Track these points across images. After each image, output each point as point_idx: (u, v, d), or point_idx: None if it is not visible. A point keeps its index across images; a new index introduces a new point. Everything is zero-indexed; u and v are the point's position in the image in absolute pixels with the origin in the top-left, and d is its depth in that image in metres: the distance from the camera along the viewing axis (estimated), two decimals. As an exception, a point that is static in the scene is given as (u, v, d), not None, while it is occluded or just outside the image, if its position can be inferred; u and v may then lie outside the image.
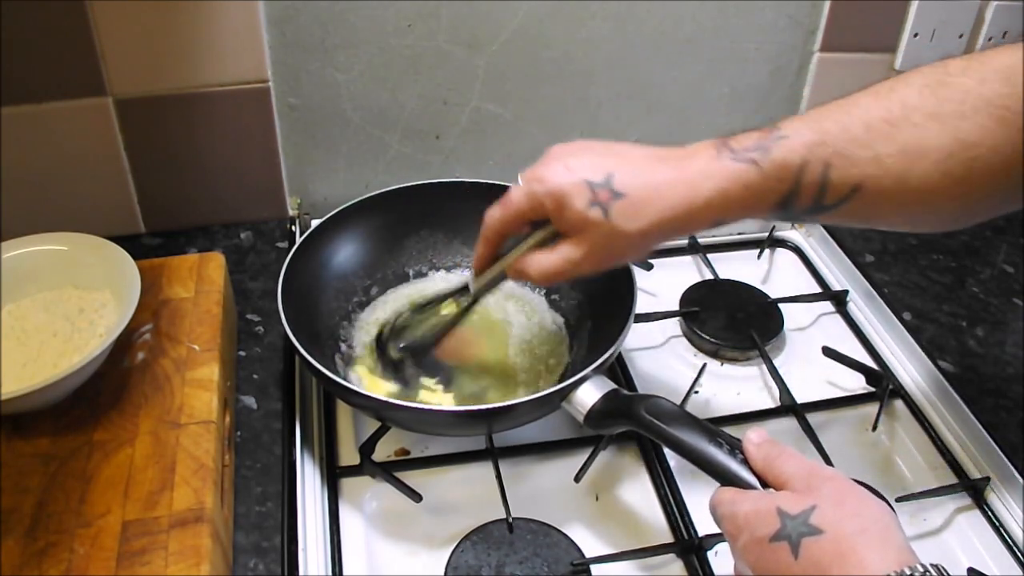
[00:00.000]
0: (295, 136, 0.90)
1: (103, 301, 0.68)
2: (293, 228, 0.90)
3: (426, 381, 0.72)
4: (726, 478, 0.53)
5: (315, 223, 0.79)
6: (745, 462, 0.53)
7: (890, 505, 0.64)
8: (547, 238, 0.59)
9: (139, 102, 0.83)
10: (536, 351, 0.77)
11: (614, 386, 0.63)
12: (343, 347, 0.76)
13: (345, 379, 0.69)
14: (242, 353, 0.77)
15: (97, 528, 0.55)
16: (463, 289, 0.68)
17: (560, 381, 0.73)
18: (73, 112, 0.81)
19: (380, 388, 0.72)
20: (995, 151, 0.50)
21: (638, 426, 0.59)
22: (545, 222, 0.59)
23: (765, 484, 0.51)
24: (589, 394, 0.62)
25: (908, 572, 0.42)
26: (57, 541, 0.54)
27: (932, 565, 0.43)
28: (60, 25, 0.76)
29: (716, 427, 0.56)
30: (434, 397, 0.72)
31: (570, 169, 0.56)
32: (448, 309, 0.71)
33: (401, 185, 0.82)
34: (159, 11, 0.78)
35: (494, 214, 0.61)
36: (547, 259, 0.58)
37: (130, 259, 0.68)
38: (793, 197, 0.54)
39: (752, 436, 0.53)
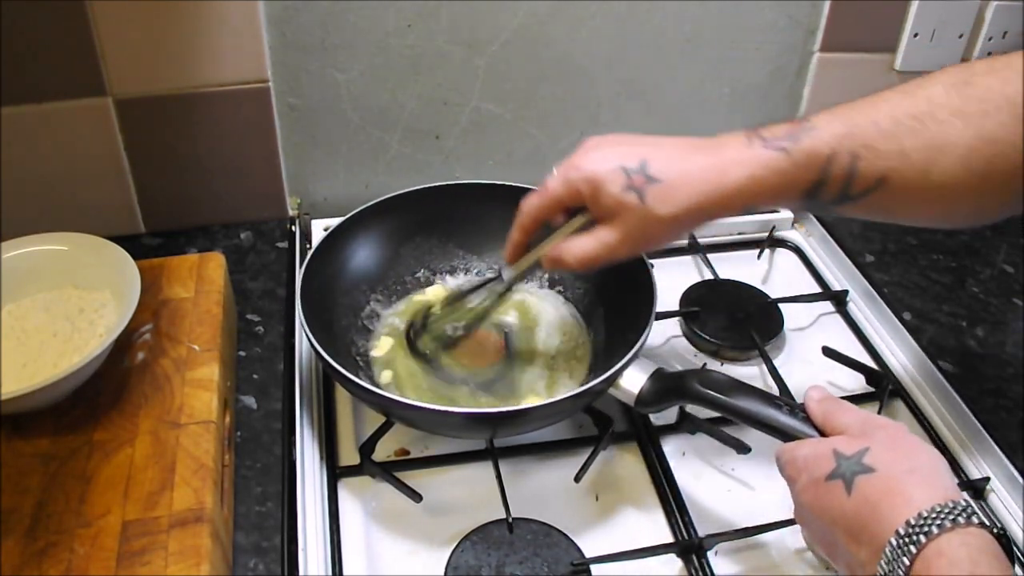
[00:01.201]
0: (295, 136, 0.90)
1: (103, 301, 0.68)
2: (293, 228, 0.90)
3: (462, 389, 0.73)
4: (791, 436, 0.55)
5: (325, 229, 0.79)
6: (807, 419, 0.56)
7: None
8: (582, 226, 0.61)
9: (139, 102, 0.83)
10: (561, 344, 0.77)
11: (656, 366, 0.64)
12: (358, 350, 0.76)
13: (374, 382, 0.70)
14: (242, 353, 0.77)
15: (97, 528, 0.55)
16: (496, 280, 0.68)
17: (589, 370, 0.74)
18: (73, 112, 0.81)
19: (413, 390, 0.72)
20: (1016, 148, 0.52)
21: (694, 400, 0.61)
22: (579, 211, 0.61)
23: (825, 436, 0.54)
24: (635, 378, 0.64)
25: (951, 505, 0.44)
26: (57, 541, 0.54)
27: (976, 504, 0.46)
28: (60, 25, 0.76)
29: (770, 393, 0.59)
30: (470, 400, 0.72)
31: (605, 157, 0.59)
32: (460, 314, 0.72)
33: (408, 189, 0.81)
34: (159, 11, 0.78)
35: (531, 201, 0.63)
36: (583, 244, 0.60)
37: (130, 259, 0.68)
38: (821, 186, 0.56)
39: (813, 393, 0.56)
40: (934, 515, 0.44)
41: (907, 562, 0.44)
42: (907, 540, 0.44)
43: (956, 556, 0.43)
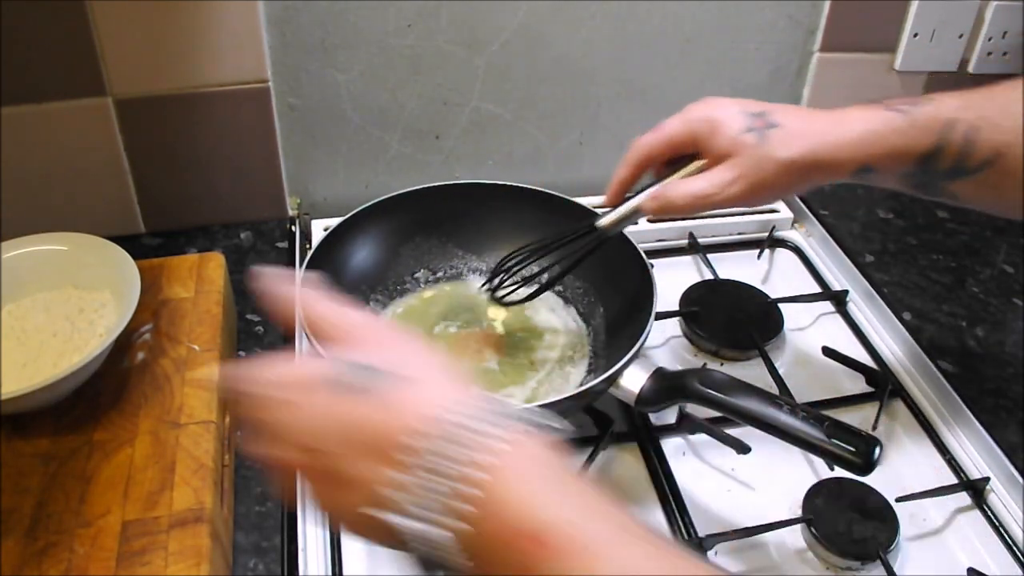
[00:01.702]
0: (295, 136, 0.90)
1: (103, 301, 0.68)
2: (293, 228, 0.90)
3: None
4: (791, 436, 0.55)
5: (325, 229, 0.79)
6: (808, 419, 0.56)
7: (890, 506, 0.64)
8: (689, 174, 0.61)
9: (139, 102, 0.83)
10: (561, 344, 0.77)
11: (656, 366, 0.64)
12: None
13: None
14: (242, 353, 0.77)
15: (97, 528, 0.55)
16: (589, 229, 0.66)
17: (589, 370, 0.74)
18: (73, 112, 0.81)
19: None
20: None
21: (694, 399, 0.61)
22: (686, 160, 0.61)
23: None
24: (635, 377, 0.63)
25: (474, 411, 0.38)
26: (57, 541, 0.54)
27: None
28: (60, 25, 0.76)
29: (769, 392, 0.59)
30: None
31: (724, 105, 0.61)
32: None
33: (408, 189, 0.81)
34: (159, 11, 0.78)
35: (643, 139, 0.63)
36: (694, 183, 0.60)
37: (130, 259, 0.68)
38: (938, 153, 0.57)
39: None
40: (471, 414, 0.37)
41: (434, 461, 0.35)
42: (446, 440, 0.36)
43: (522, 455, 0.37)
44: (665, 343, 0.82)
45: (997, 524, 0.66)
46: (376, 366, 0.40)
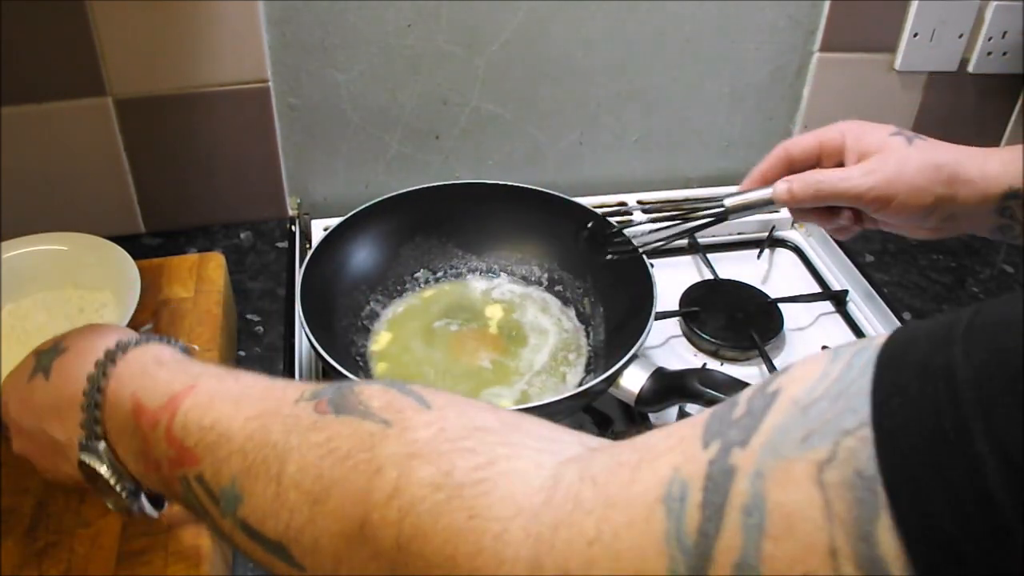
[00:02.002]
0: (295, 136, 0.90)
1: (103, 301, 0.68)
2: (293, 228, 0.90)
3: None
4: None
5: (325, 229, 0.79)
6: None
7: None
8: None
9: (139, 102, 0.83)
10: (557, 348, 0.77)
11: (656, 366, 0.64)
12: (358, 350, 0.76)
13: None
14: (242, 353, 0.77)
15: (97, 528, 0.55)
16: (716, 206, 0.66)
17: (589, 370, 0.74)
18: (73, 112, 0.81)
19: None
20: None
21: (694, 399, 0.61)
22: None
23: None
24: (635, 377, 0.64)
25: (139, 336, 0.47)
26: (57, 541, 0.54)
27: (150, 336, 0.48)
28: (60, 25, 0.76)
29: None
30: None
31: (873, 124, 0.62)
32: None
33: (408, 189, 0.81)
34: (159, 11, 0.78)
35: (792, 139, 0.64)
36: (830, 172, 0.60)
37: (130, 259, 0.68)
38: None
39: None
40: (121, 344, 0.45)
41: (99, 395, 0.44)
42: (99, 374, 0.44)
43: (140, 357, 0.45)
44: (665, 343, 0.82)
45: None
46: (49, 345, 0.49)
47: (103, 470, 0.43)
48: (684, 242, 0.93)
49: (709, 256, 0.91)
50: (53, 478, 0.50)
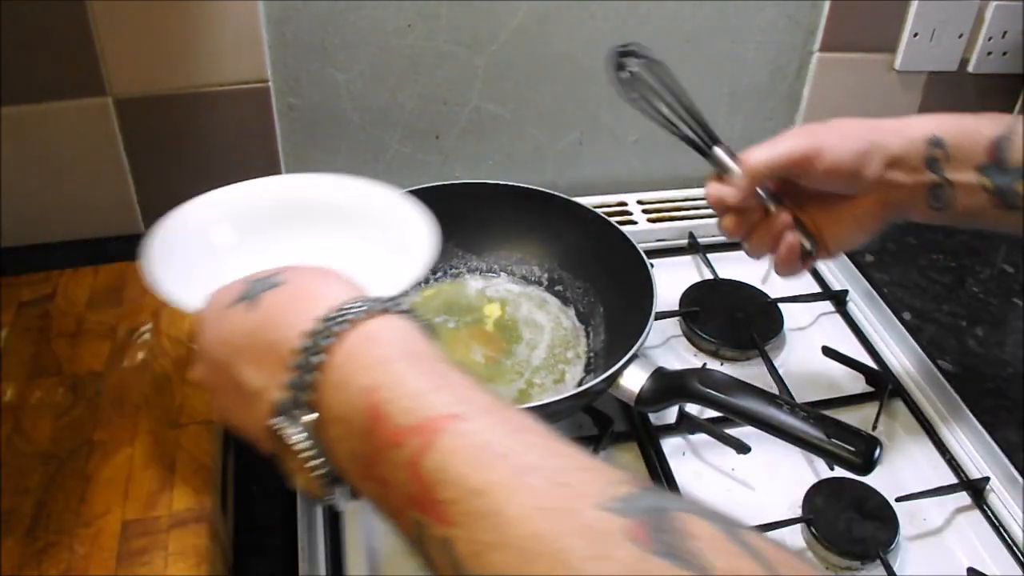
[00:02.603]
0: (295, 136, 0.90)
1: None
2: (293, 228, 0.90)
3: None
4: (791, 435, 0.55)
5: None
6: (808, 419, 0.55)
7: (890, 506, 0.64)
8: None
9: (139, 102, 0.83)
10: (554, 347, 0.77)
11: (656, 365, 0.64)
12: None
13: None
14: (242, 353, 0.77)
15: (97, 528, 0.55)
16: (708, 140, 0.65)
17: (589, 370, 0.74)
18: (73, 112, 0.81)
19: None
20: None
21: (694, 399, 0.61)
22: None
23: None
24: (635, 377, 0.63)
25: (373, 298, 0.40)
26: (57, 541, 0.54)
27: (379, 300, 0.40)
28: (60, 25, 0.76)
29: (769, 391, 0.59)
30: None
31: None
32: None
33: (408, 189, 0.81)
34: (159, 11, 0.78)
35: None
36: (763, 147, 0.61)
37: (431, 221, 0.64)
38: (1007, 142, 0.57)
39: None
40: (354, 304, 0.39)
41: (321, 358, 0.37)
42: (322, 333, 0.38)
43: (384, 337, 0.38)
44: (665, 343, 0.82)
45: (997, 524, 0.66)
46: (265, 275, 0.43)
47: (301, 445, 0.37)
48: (684, 242, 0.93)
49: (709, 256, 0.91)
50: (227, 422, 0.44)
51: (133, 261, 0.76)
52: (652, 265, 0.73)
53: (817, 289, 0.89)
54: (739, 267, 0.91)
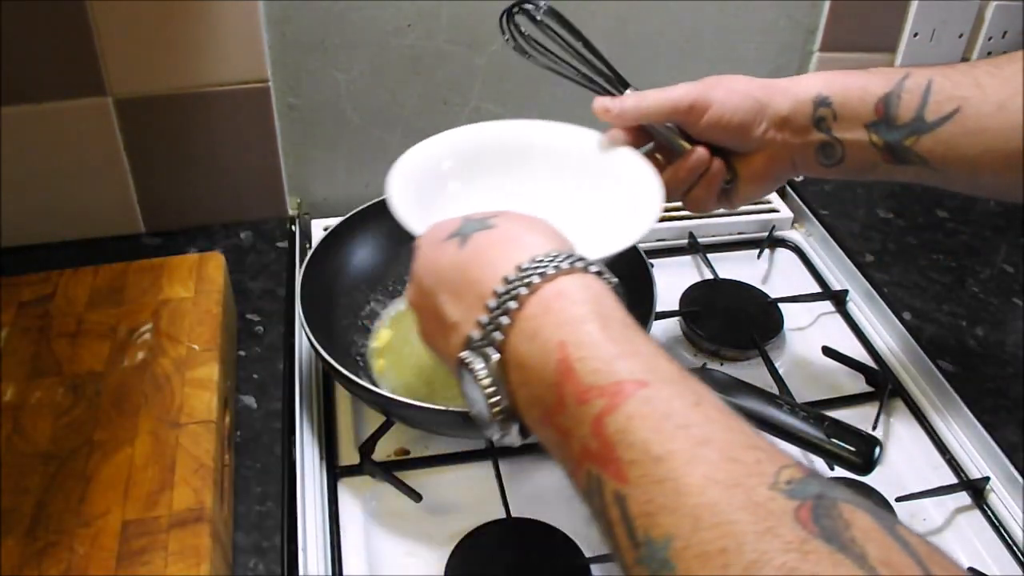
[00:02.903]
0: (295, 136, 0.90)
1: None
2: (293, 228, 0.90)
3: None
4: (791, 435, 0.56)
5: (325, 229, 0.79)
6: (808, 418, 0.56)
7: (890, 506, 0.64)
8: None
9: (139, 102, 0.83)
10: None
11: None
12: (358, 349, 0.76)
13: (374, 382, 0.71)
14: (242, 353, 0.77)
15: (97, 528, 0.55)
16: (619, 83, 0.69)
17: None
18: (73, 112, 0.81)
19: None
20: None
21: None
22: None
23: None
24: None
25: (569, 252, 0.42)
26: (57, 541, 0.54)
27: (577, 258, 0.42)
28: (60, 25, 0.76)
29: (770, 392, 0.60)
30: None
31: None
32: None
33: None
34: (159, 11, 0.78)
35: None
36: (652, 91, 0.65)
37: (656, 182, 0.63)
38: (895, 99, 0.58)
39: None
40: (551, 257, 0.41)
41: (515, 305, 0.40)
42: (519, 281, 0.40)
43: (578, 296, 0.40)
44: (665, 343, 0.82)
45: (997, 524, 0.66)
46: (480, 216, 0.46)
47: (484, 381, 0.40)
48: (684, 242, 0.93)
49: (709, 256, 0.91)
50: (426, 342, 0.48)
51: (133, 261, 0.76)
52: (652, 265, 0.73)
53: (817, 289, 0.89)
54: (739, 267, 0.91)
